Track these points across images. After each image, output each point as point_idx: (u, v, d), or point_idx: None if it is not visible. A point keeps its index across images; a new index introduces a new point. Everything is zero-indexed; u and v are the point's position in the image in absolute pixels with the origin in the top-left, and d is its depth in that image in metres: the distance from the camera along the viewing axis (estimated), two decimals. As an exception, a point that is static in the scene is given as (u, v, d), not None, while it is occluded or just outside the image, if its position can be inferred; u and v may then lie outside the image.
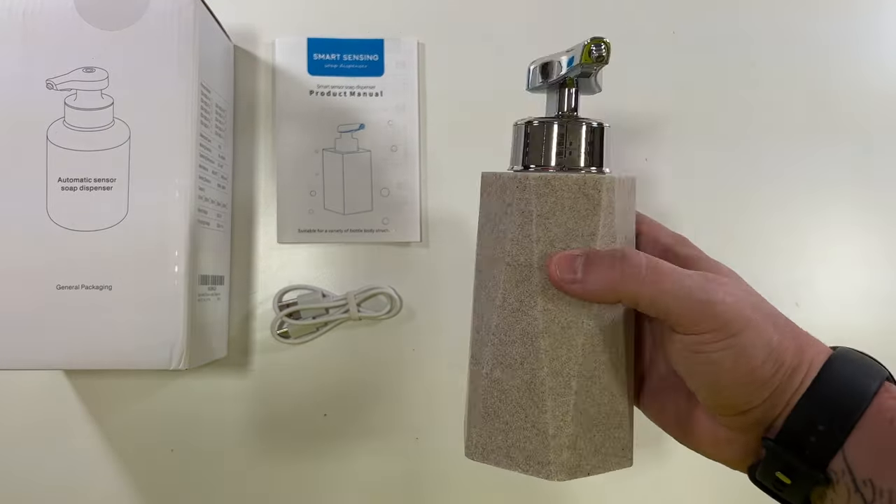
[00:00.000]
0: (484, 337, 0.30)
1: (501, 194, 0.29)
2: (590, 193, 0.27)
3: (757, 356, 0.26)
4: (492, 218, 0.30)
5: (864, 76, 0.53)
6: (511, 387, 0.29)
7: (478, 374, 0.30)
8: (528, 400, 0.28)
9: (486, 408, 0.29)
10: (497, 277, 0.29)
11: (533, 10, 0.52)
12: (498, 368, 0.29)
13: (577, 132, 0.29)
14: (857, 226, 0.52)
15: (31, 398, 0.47)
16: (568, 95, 0.31)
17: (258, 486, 0.48)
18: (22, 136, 0.39)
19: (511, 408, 0.29)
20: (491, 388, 0.29)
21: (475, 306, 0.31)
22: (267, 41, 0.50)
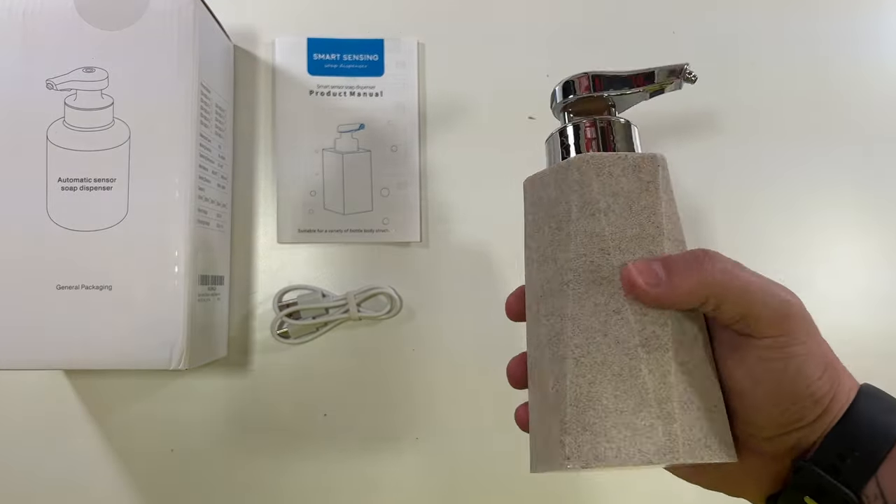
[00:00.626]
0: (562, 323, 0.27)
1: (554, 184, 0.28)
2: (641, 166, 0.28)
3: (816, 368, 0.26)
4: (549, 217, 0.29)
5: (864, 76, 0.53)
6: (609, 364, 0.26)
7: (558, 365, 0.27)
8: (629, 375, 0.26)
9: (578, 396, 0.26)
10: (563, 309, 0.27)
11: (533, 11, 0.52)
12: (592, 347, 0.26)
13: (615, 128, 0.30)
14: (857, 226, 0.52)
15: (31, 398, 0.47)
16: (613, 109, 0.32)
17: (258, 486, 0.48)
18: (22, 136, 0.39)
19: (610, 390, 0.26)
20: (583, 373, 0.26)
21: (537, 303, 0.29)
22: (267, 41, 0.50)
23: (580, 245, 0.27)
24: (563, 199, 0.28)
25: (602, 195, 0.27)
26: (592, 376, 0.26)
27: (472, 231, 0.50)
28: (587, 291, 0.27)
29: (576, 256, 0.27)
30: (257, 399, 0.48)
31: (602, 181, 0.28)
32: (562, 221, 0.28)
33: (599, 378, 0.26)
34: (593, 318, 0.27)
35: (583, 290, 0.27)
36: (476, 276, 0.49)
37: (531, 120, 0.51)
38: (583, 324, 0.27)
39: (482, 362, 0.48)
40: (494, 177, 0.50)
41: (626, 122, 0.30)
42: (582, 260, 0.27)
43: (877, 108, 0.53)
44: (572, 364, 0.26)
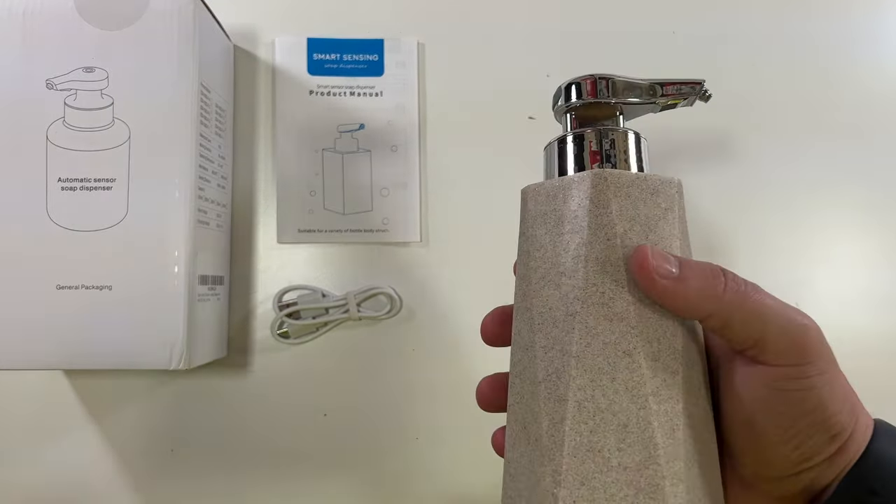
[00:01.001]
0: (564, 360, 0.24)
1: (564, 199, 0.26)
2: (660, 190, 0.25)
3: (836, 402, 0.23)
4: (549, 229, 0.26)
5: (863, 76, 0.53)
6: (615, 412, 0.23)
7: (556, 406, 0.24)
8: (637, 427, 0.23)
9: (578, 445, 0.23)
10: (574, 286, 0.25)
11: (533, 10, 0.52)
12: (597, 391, 0.24)
13: (630, 140, 0.27)
14: (857, 226, 0.52)
15: (31, 398, 0.47)
16: (621, 118, 0.29)
17: (258, 487, 0.48)
18: (22, 135, 0.39)
19: (614, 441, 0.23)
20: (584, 419, 0.24)
21: (532, 331, 0.26)
22: (267, 41, 0.50)
23: (592, 274, 0.24)
24: (574, 218, 0.25)
25: (619, 219, 0.25)
26: (595, 424, 0.23)
27: (472, 231, 0.50)
28: (597, 327, 0.24)
29: (585, 286, 0.24)
30: (257, 399, 0.48)
31: (620, 203, 0.25)
32: (570, 244, 0.25)
33: (603, 427, 0.23)
34: (601, 358, 0.24)
35: (592, 325, 0.24)
36: (476, 276, 0.49)
37: (531, 120, 0.51)
38: (588, 363, 0.24)
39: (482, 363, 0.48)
40: (494, 177, 0.50)
41: (636, 135, 0.28)
42: (593, 290, 0.24)
43: (876, 108, 0.53)
44: (574, 408, 0.24)
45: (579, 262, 0.25)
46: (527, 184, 0.30)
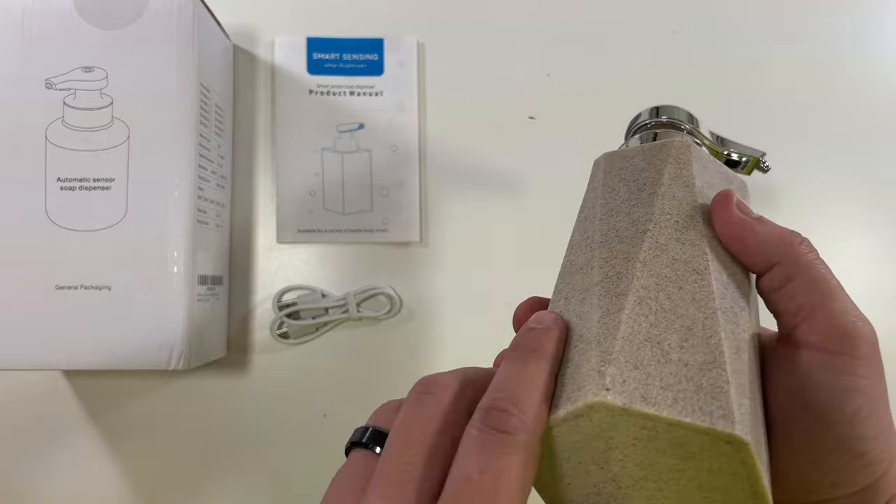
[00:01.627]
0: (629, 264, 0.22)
1: (643, 157, 0.26)
2: (732, 180, 0.27)
3: (872, 424, 0.21)
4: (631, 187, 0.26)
5: (866, 75, 0.53)
6: (680, 315, 0.21)
7: (613, 301, 0.21)
8: (702, 332, 0.21)
9: (635, 332, 0.20)
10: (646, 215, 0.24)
11: (533, 10, 0.52)
12: (661, 293, 0.21)
13: (710, 136, 0.31)
14: (858, 225, 0.52)
15: (31, 398, 0.47)
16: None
17: (258, 487, 0.48)
18: (21, 135, 0.39)
19: (676, 339, 0.20)
20: (645, 313, 0.21)
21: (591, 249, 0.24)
22: (266, 40, 0.50)
23: (667, 206, 0.24)
24: (652, 168, 0.25)
25: (698, 176, 0.25)
26: (656, 319, 0.21)
27: (472, 231, 0.50)
28: (668, 244, 0.23)
29: (661, 213, 0.24)
30: (257, 399, 0.48)
31: (700, 165, 0.26)
32: (646, 184, 0.25)
33: (665, 323, 0.21)
34: (669, 269, 0.22)
35: (663, 242, 0.23)
36: (476, 276, 0.49)
37: (531, 120, 0.51)
38: (655, 270, 0.22)
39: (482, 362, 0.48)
40: (494, 177, 0.50)
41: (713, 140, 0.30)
42: (668, 217, 0.24)
43: (879, 107, 0.53)
44: (634, 301, 0.21)
45: (655, 196, 0.24)
46: (527, 183, 0.31)
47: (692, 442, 0.19)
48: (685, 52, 0.52)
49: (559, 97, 0.51)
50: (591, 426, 0.19)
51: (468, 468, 0.18)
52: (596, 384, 0.19)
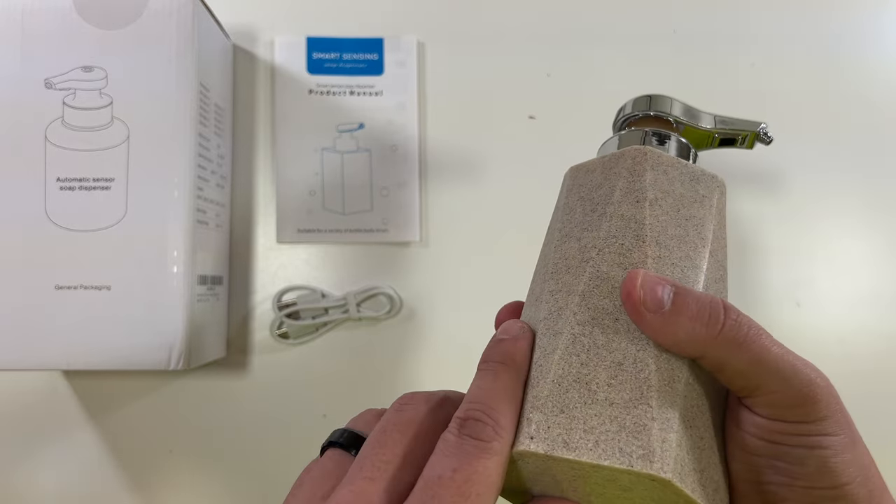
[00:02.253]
0: (569, 298, 0.23)
1: (602, 171, 0.26)
2: (703, 185, 0.25)
3: (848, 469, 0.20)
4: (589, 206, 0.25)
5: (867, 73, 0.53)
6: (612, 350, 0.21)
7: (550, 340, 0.22)
8: (633, 367, 0.21)
9: (564, 374, 0.21)
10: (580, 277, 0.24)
11: (533, 10, 0.52)
12: (596, 328, 0.22)
13: (678, 140, 0.28)
14: (859, 225, 0.52)
15: (31, 398, 0.47)
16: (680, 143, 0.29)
17: (257, 487, 0.48)
18: (20, 135, 0.39)
19: (605, 376, 0.21)
20: (577, 352, 0.21)
21: (544, 281, 0.24)
22: (266, 40, 0.50)
23: (614, 227, 0.24)
24: (607, 183, 0.25)
25: (652, 188, 0.24)
26: (587, 357, 0.21)
27: (472, 231, 0.50)
28: (609, 273, 0.23)
29: (606, 237, 0.24)
30: (256, 399, 0.48)
31: (656, 175, 0.25)
32: (598, 204, 0.25)
33: (596, 361, 0.21)
34: (608, 300, 0.22)
35: (604, 271, 0.23)
36: (476, 276, 0.49)
37: (531, 120, 0.51)
38: (593, 303, 0.22)
39: (482, 362, 0.48)
40: (494, 176, 0.50)
41: (687, 144, 0.28)
42: (612, 241, 0.23)
43: (880, 106, 0.53)
44: (567, 340, 0.22)
45: (604, 218, 0.24)
46: (527, 182, 0.31)
47: (622, 478, 0.20)
48: (685, 52, 0.52)
49: (559, 97, 0.51)
50: (532, 466, 0.21)
51: (442, 468, 0.19)
52: (522, 432, 0.20)
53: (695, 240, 0.24)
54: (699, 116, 0.30)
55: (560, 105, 0.51)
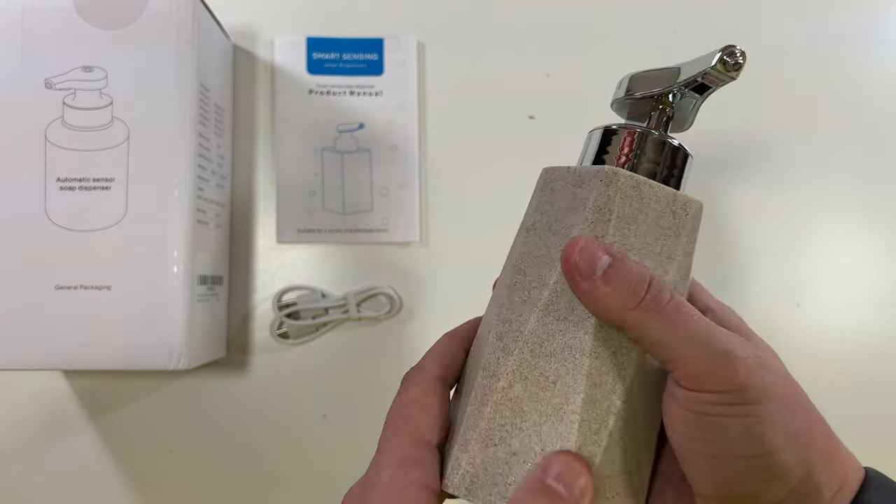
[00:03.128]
0: (509, 345, 0.24)
1: (575, 188, 0.25)
2: (678, 212, 0.25)
3: (774, 437, 0.21)
4: (552, 214, 0.25)
5: (868, 74, 0.53)
6: (532, 409, 0.23)
7: (488, 387, 0.24)
8: (551, 428, 0.23)
9: (490, 430, 0.23)
10: (546, 278, 0.24)
11: (533, 9, 0.52)
12: (520, 384, 0.23)
13: (670, 150, 0.26)
14: (859, 225, 0.52)
15: (31, 398, 0.47)
16: (661, 114, 0.28)
17: (257, 487, 0.48)
18: (20, 135, 0.39)
19: (526, 435, 0.23)
20: (504, 406, 0.23)
21: (500, 310, 0.26)
22: (266, 40, 0.50)
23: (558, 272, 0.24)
24: (571, 206, 0.25)
25: (617, 221, 0.24)
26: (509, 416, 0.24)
27: (472, 231, 0.50)
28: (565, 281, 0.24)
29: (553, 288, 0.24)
30: (256, 399, 0.48)
31: (622, 206, 0.24)
32: (553, 223, 0.25)
33: (528, 396, 0.24)
34: (561, 311, 0.24)
35: (562, 279, 0.24)
36: (476, 276, 0.49)
37: (531, 119, 0.51)
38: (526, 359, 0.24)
39: (482, 362, 0.48)
40: (494, 176, 0.50)
41: (673, 147, 0.26)
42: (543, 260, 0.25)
43: (881, 107, 0.53)
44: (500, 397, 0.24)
45: (553, 265, 0.24)
46: (528, 183, 0.30)
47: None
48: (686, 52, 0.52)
49: (559, 97, 0.51)
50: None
51: None
52: (454, 477, 0.23)
53: (663, 260, 0.24)
54: (663, 76, 0.29)
55: (560, 105, 0.51)
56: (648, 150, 0.26)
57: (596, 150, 0.27)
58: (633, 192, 0.24)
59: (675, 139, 0.27)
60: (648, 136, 0.26)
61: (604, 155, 0.26)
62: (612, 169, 0.24)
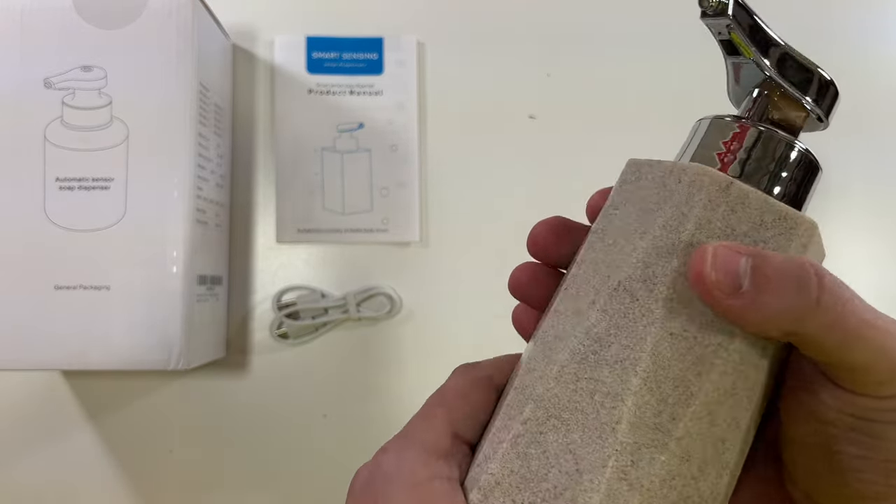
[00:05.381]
0: (552, 355, 0.21)
1: (663, 186, 0.21)
2: (795, 237, 0.20)
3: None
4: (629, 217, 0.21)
5: (872, 73, 0.53)
6: (566, 431, 0.19)
7: (520, 400, 0.21)
8: (586, 456, 0.19)
9: (507, 453, 0.20)
10: (597, 288, 0.20)
11: (533, 10, 0.52)
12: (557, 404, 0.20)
13: (798, 162, 0.21)
14: (860, 227, 0.52)
15: (30, 398, 0.47)
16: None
17: (257, 487, 0.48)
18: (20, 135, 0.38)
19: (550, 459, 0.19)
20: (532, 425, 0.20)
21: (551, 321, 0.22)
22: (266, 39, 0.50)
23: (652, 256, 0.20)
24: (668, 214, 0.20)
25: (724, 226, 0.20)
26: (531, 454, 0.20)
27: (472, 231, 0.50)
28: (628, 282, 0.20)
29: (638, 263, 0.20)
30: (256, 400, 0.48)
31: (718, 213, 0.20)
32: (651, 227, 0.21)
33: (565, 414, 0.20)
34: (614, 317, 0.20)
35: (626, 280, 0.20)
36: (476, 276, 0.49)
37: (531, 120, 0.51)
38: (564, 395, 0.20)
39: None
40: (494, 176, 0.50)
41: (806, 160, 0.22)
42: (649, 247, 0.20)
43: (884, 107, 0.52)
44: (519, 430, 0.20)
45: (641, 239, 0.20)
46: (528, 182, 0.30)
47: None
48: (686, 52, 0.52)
49: (559, 97, 0.51)
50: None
51: None
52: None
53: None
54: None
55: (560, 105, 0.51)
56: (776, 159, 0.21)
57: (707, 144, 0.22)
58: (742, 212, 0.20)
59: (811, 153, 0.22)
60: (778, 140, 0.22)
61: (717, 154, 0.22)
62: (727, 179, 0.20)
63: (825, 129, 0.24)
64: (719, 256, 0.18)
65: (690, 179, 0.20)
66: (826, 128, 0.24)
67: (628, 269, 0.20)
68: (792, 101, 0.23)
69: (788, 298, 0.18)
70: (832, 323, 0.18)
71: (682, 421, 0.19)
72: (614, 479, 0.19)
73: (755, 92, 0.23)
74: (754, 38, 0.22)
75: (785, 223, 0.20)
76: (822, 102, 0.23)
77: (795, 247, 0.20)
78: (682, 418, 0.19)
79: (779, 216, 0.20)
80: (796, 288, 0.18)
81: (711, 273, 0.18)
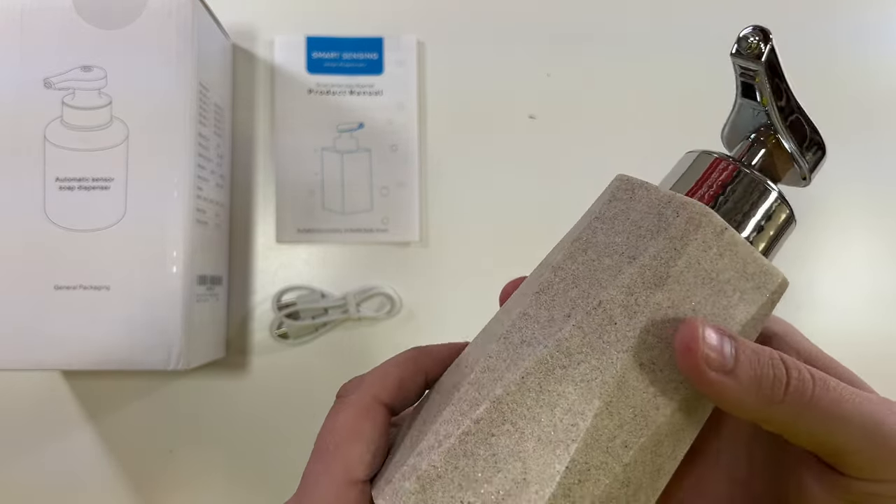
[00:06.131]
0: (509, 364, 0.21)
1: (659, 215, 0.21)
2: (768, 292, 0.21)
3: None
4: (616, 230, 0.21)
5: (870, 74, 0.53)
6: (519, 438, 0.19)
7: (475, 398, 0.21)
8: (535, 467, 0.19)
9: (454, 448, 0.20)
10: (575, 301, 0.21)
11: (533, 10, 0.52)
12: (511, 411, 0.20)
13: (786, 221, 0.24)
14: (859, 228, 0.52)
15: (30, 398, 0.47)
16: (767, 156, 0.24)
17: (257, 487, 0.48)
18: (20, 135, 0.38)
19: (499, 463, 0.19)
20: (485, 425, 0.20)
21: (512, 324, 0.22)
22: (266, 39, 0.50)
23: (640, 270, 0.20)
24: (649, 241, 0.21)
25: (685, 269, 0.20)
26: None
27: (472, 231, 0.50)
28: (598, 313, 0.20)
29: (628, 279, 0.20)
30: (256, 400, 0.48)
31: (699, 254, 0.20)
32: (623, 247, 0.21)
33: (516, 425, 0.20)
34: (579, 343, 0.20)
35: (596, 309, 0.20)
36: (476, 276, 0.49)
37: (531, 120, 0.51)
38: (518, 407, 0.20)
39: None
40: (494, 176, 0.50)
41: (785, 212, 0.24)
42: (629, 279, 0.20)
43: (883, 107, 0.52)
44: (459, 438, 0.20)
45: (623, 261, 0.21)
46: (528, 182, 0.29)
47: None
48: (686, 52, 0.52)
49: (559, 97, 0.51)
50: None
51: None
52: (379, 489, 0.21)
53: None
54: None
55: (560, 105, 0.51)
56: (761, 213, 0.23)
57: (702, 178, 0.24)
58: (728, 250, 0.21)
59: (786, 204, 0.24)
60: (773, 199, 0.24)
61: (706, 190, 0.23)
62: (718, 220, 0.21)
63: (805, 186, 0.26)
64: (711, 330, 0.19)
65: (689, 216, 0.21)
66: (807, 185, 0.26)
67: (612, 291, 0.20)
68: (786, 155, 0.25)
69: (761, 380, 0.19)
70: (803, 408, 0.18)
71: (633, 449, 0.19)
72: (559, 495, 0.19)
73: (752, 136, 0.25)
74: (776, 89, 0.25)
75: (763, 277, 0.21)
76: (814, 164, 0.26)
77: (766, 303, 0.21)
78: (633, 447, 0.19)
79: (760, 269, 0.21)
80: (768, 372, 0.19)
81: (703, 346, 0.18)
